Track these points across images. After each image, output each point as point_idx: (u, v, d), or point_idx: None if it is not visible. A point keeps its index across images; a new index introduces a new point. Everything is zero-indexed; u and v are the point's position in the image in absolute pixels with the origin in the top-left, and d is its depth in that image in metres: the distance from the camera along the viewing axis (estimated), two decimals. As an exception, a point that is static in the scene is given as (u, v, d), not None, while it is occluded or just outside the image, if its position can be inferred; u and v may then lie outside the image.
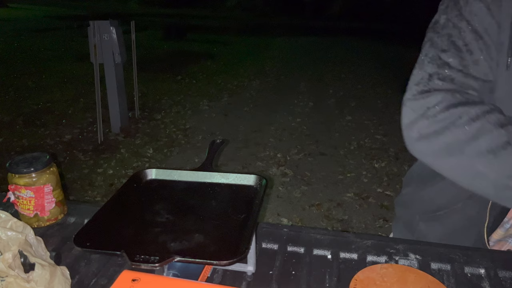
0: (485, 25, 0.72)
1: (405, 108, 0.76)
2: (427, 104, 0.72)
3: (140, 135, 4.26)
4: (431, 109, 0.72)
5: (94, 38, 3.74)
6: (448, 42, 0.74)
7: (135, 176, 0.87)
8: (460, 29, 0.73)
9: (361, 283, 0.67)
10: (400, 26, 12.21)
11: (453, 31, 0.74)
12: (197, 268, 0.68)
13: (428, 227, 0.95)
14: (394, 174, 3.54)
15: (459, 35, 0.73)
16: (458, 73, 0.72)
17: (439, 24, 0.76)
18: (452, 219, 0.88)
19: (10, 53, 8.14)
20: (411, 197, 1.01)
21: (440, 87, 0.72)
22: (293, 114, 5.03)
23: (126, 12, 14.51)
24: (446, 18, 0.75)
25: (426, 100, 0.73)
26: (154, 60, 7.79)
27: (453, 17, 0.74)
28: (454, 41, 0.73)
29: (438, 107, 0.71)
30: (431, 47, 0.76)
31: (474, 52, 0.72)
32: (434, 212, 0.92)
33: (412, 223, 0.99)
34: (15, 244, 0.63)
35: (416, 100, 0.74)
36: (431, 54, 0.75)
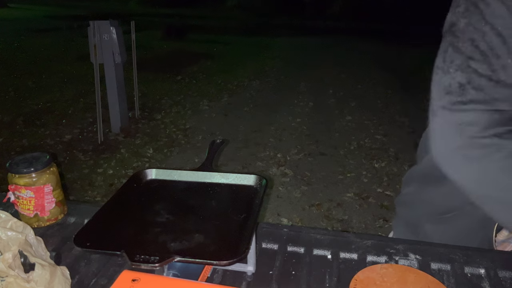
0: (509, 27, 0.69)
1: (437, 119, 0.74)
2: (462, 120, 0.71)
3: (140, 135, 4.26)
4: (468, 128, 0.70)
5: (94, 38, 3.74)
6: (472, 48, 0.71)
7: (135, 176, 0.87)
8: (484, 33, 0.70)
9: (361, 283, 0.67)
10: (400, 26, 12.22)
11: (475, 35, 0.71)
12: (197, 268, 0.68)
13: (435, 229, 0.94)
14: (394, 174, 3.54)
15: (483, 39, 0.70)
16: (488, 81, 0.70)
17: (457, 28, 0.74)
18: (461, 221, 0.87)
19: (10, 53, 8.14)
20: (414, 198, 1.00)
21: (473, 98, 0.70)
22: (293, 114, 5.03)
23: (126, 12, 14.50)
24: (466, 22, 0.72)
25: (461, 114, 0.71)
26: (154, 60, 7.79)
27: (474, 21, 0.71)
28: (479, 46, 0.70)
29: (476, 128, 0.70)
30: (455, 52, 0.73)
31: (501, 56, 0.69)
32: (442, 215, 0.91)
33: (417, 224, 0.98)
34: (15, 244, 0.63)
35: (450, 111, 0.72)
36: (458, 61, 0.72)
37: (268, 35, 11.68)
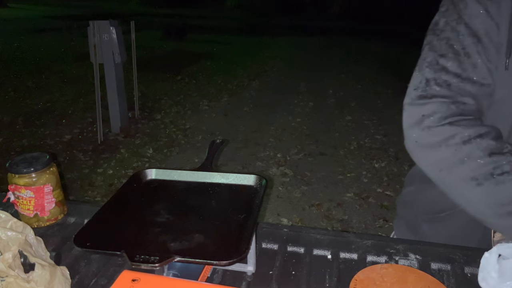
0: (485, 27, 0.72)
1: (404, 112, 0.78)
2: (423, 112, 0.73)
3: (140, 135, 4.26)
4: (426, 119, 0.73)
5: (94, 38, 3.74)
6: (446, 46, 0.74)
7: (135, 176, 0.87)
8: (458, 32, 0.73)
9: (361, 283, 0.67)
10: (400, 26, 12.22)
11: (451, 34, 0.74)
12: (197, 268, 0.68)
13: (431, 228, 0.94)
14: (394, 174, 3.54)
15: (457, 39, 0.73)
16: (456, 78, 0.73)
17: (438, 27, 0.77)
18: (455, 221, 0.88)
19: (10, 53, 8.14)
20: (414, 197, 1.01)
21: (437, 93, 0.73)
22: (293, 114, 5.03)
23: (126, 12, 14.50)
24: (445, 21, 0.76)
25: (422, 108, 0.74)
26: (154, 60, 7.78)
27: (452, 20, 0.74)
28: (453, 45, 0.73)
29: (433, 118, 0.72)
30: (430, 50, 0.76)
31: (472, 55, 0.72)
32: (437, 214, 0.92)
33: (415, 223, 0.99)
34: (15, 244, 0.63)
35: (413, 106, 0.75)
36: (429, 58, 0.76)
37: (268, 35, 11.67)
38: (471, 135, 0.70)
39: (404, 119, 0.77)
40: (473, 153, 0.69)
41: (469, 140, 0.69)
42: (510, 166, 0.67)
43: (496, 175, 0.67)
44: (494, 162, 0.68)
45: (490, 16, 0.71)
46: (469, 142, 0.69)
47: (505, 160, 0.68)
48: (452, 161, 0.71)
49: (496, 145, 0.69)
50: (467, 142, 0.69)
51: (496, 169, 0.67)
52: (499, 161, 0.68)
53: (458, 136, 0.70)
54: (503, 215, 0.69)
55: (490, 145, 0.69)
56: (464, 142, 0.70)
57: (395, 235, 1.08)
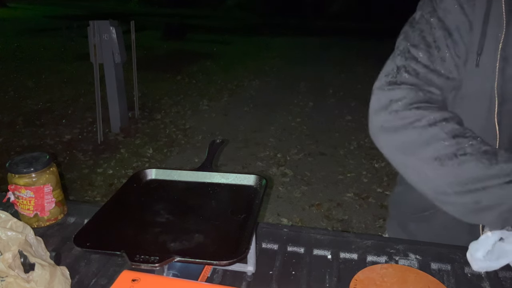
0: (456, 23, 0.74)
1: (373, 96, 0.80)
2: (391, 97, 0.75)
3: (140, 135, 4.26)
4: (394, 104, 0.75)
5: (94, 38, 3.74)
6: (419, 37, 0.76)
7: (135, 176, 0.87)
8: (431, 25, 0.76)
9: (361, 283, 0.67)
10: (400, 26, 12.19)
11: (425, 26, 0.76)
12: (197, 268, 0.68)
13: (418, 228, 0.95)
14: (394, 174, 3.52)
15: (430, 31, 0.76)
16: (424, 68, 0.75)
17: (414, 19, 0.80)
18: (439, 219, 0.88)
19: (10, 53, 8.14)
20: (402, 197, 1.01)
21: (406, 80, 0.75)
22: (293, 114, 5.03)
23: (126, 12, 14.50)
24: (421, 14, 0.78)
25: (391, 93, 0.76)
26: (154, 60, 7.78)
27: (427, 13, 0.77)
28: (425, 37, 0.76)
29: (400, 103, 0.74)
30: (403, 39, 0.79)
31: (442, 48, 0.75)
32: (421, 213, 0.93)
33: (404, 222, 1.00)
34: (15, 244, 0.63)
35: (382, 91, 0.78)
36: (402, 47, 0.78)
37: (268, 35, 11.66)
38: (436, 118, 0.72)
39: (372, 103, 0.79)
40: (438, 135, 0.71)
41: (435, 123, 0.72)
42: (472, 148, 0.70)
43: (459, 155, 0.70)
44: (457, 144, 0.70)
45: (464, 12, 0.73)
46: (434, 124, 0.71)
47: (467, 142, 0.70)
48: (418, 142, 0.73)
49: (460, 129, 0.72)
50: (432, 125, 0.72)
51: (459, 150, 0.70)
52: (462, 143, 0.70)
53: (425, 119, 0.72)
54: (462, 193, 0.71)
55: (454, 128, 0.71)
56: (430, 125, 0.72)
57: (388, 235, 1.09)
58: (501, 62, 0.72)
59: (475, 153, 0.69)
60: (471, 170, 0.69)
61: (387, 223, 1.12)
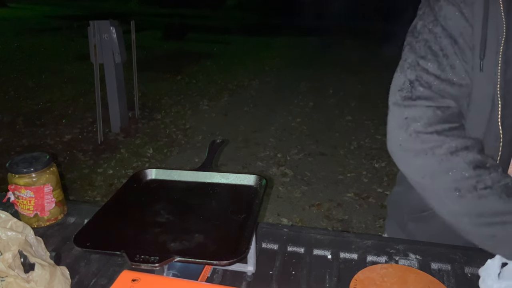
0: (459, 29, 0.74)
1: (390, 113, 0.79)
2: (409, 115, 0.75)
3: (140, 135, 4.26)
4: (412, 124, 0.74)
5: (94, 38, 3.74)
6: (425, 48, 0.76)
7: (135, 176, 0.87)
8: (435, 34, 0.75)
9: (361, 283, 0.67)
10: (401, 27, 12.20)
11: (429, 36, 0.76)
12: (197, 268, 0.68)
13: (417, 228, 0.96)
14: (394, 174, 3.52)
15: (435, 40, 0.75)
16: (436, 80, 0.75)
17: (416, 29, 0.79)
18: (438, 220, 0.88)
19: (10, 53, 8.14)
20: (401, 197, 1.01)
21: (421, 94, 0.75)
22: (293, 114, 5.03)
23: (126, 12, 14.49)
24: (422, 24, 0.78)
25: (408, 111, 0.75)
26: (154, 60, 7.78)
27: (428, 23, 0.76)
28: (431, 46, 0.75)
29: (419, 124, 0.74)
30: (410, 51, 0.78)
31: (450, 56, 0.74)
32: (420, 213, 0.93)
33: (402, 222, 1.00)
34: (15, 244, 0.63)
35: (399, 107, 0.77)
36: (410, 59, 0.78)
37: (268, 35, 11.66)
38: (458, 146, 0.72)
39: (390, 120, 0.79)
40: (459, 165, 0.71)
41: (456, 151, 0.71)
42: (492, 181, 0.70)
43: (479, 189, 0.70)
44: (477, 176, 0.70)
45: (465, 17, 0.73)
46: (455, 153, 0.71)
47: (488, 174, 0.70)
48: (437, 170, 0.73)
49: (481, 159, 0.72)
50: (454, 153, 0.71)
51: (479, 183, 0.70)
52: (483, 175, 0.70)
53: (445, 147, 0.72)
54: (480, 225, 0.71)
55: (475, 159, 0.71)
56: (451, 153, 0.72)
57: (386, 235, 1.09)
58: (502, 65, 0.72)
59: (495, 186, 0.70)
60: (490, 205, 0.69)
61: (386, 223, 1.12)
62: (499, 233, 0.70)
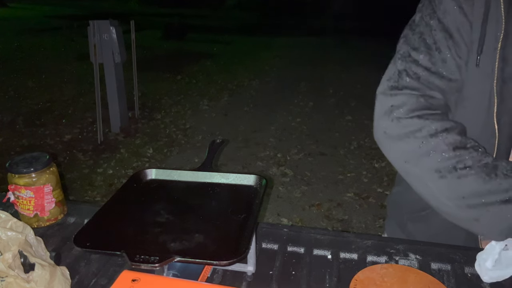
0: (457, 24, 0.74)
1: (376, 101, 0.80)
2: (393, 103, 0.76)
3: (140, 135, 4.26)
4: (395, 110, 0.75)
5: (94, 38, 3.74)
6: (419, 40, 0.76)
7: (135, 176, 0.87)
8: (431, 27, 0.76)
9: (361, 283, 0.67)
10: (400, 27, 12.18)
11: (425, 29, 0.76)
12: (197, 268, 0.68)
13: (416, 227, 0.96)
14: (394, 174, 3.50)
15: (430, 33, 0.76)
16: (425, 71, 0.75)
17: (414, 22, 0.79)
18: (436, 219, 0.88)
19: (10, 53, 8.14)
20: (401, 197, 1.02)
21: (407, 84, 0.75)
22: (293, 114, 5.03)
23: (126, 12, 14.49)
24: (420, 16, 0.78)
25: (393, 99, 0.76)
26: (154, 60, 7.78)
27: (426, 16, 0.77)
28: (425, 39, 0.76)
29: (402, 110, 0.74)
30: (404, 43, 0.79)
31: (443, 50, 0.75)
32: (419, 212, 0.93)
33: (402, 222, 1.00)
34: (15, 244, 0.63)
35: (385, 96, 0.78)
36: (402, 50, 0.78)
37: (268, 35, 11.66)
38: (437, 129, 0.72)
39: (375, 109, 0.80)
40: (439, 146, 0.71)
41: (436, 133, 0.72)
42: (472, 161, 0.70)
43: (458, 169, 0.70)
44: (457, 156, 0.70)
45: (464, 13, 0.73)
46: (435, 135, 0.71)
47: (468, 155, 0.70)
48: (418, 153, 0.73)
49: (461, 140, 0.72)
50: (433, 136, 0.72)
51: (459, 163, 0.70)
52: (462, 155, 0.70)
53: (425, 129, 0.72)
54: (463, 207, 0.71)
55: (455, 140, 0.71)
56: (430, 135, 0.72)
57: (386, 235, 1.09)
58: (500, 62, 0.72)
59: (475, 166, 0.69)
60: (470, 185, 0.69)
61: (385, 223, 1.12)
62: (482, 216, 0.69)
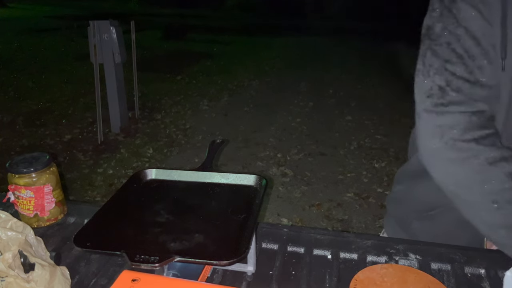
0: (481, 30, 0.72)
1: (420, 120, 0.76)
2: (443, 122, 0.73)
3: (140, 135, 4.26)
4: (448, 131, 0.72)
5: (94, 38, 3.74)
6: (448, 51, 0.73)
7: (135, 176, 0.87)
8: (458, 36, 0.73)
9: (361, 283, 0.67)
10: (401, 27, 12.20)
11: (451, 38, 0.74)
12: (197, 268, 0.68)
13: (422, 226, 0.95)
14: (394, 174, 3.53)
15: (458, 43, 0.73)
16: (466, 83, 0.72)
17: (434, 32, 0.76)
18: (445, 219, 0.88)
19: (10, 53, 8.14)
20: (404, 195, 1.01)
21: (453, 99, 0.72)
22: (293, 114, 5.03)
23: (126, 12, 14.48)
24: (442, 26, 0.75)
25: (441, 118, 0.73)
26: (154, 60, 7.78)
27: (449, 24, 0.74)
28: (455, 49, 0.73)
29: (456, 131, 0.72)
30: (432, 56, 0.75)
31: (477, 57, 0.72)
32: (428, 211, 0.92)
33: (405, 221, 1.00)
34: (15, 244, 0.63)
35: (431, 113, 0.74)
36: (436, 64, 0.75)
37: (268, 35, 11.66)
38: (496, 157, 0.70)
39: (421, 128, 0.76)
40: (497, 176, 0.70)
41: (495, 162, 0.70)
42: None
43: None
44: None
45: (484, 17, 0.71)
46: (494, 164, 0.70)
47: None
48: (474, 179, 0.71)
49: None
50: (492, 164, 0.70)
51: None
52: None
53: (483, 156, 0.70)
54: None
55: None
56: (489, 164, 0.70)
57: (385, 233, 1.09)
58: None
59: None
60: None
61: (384, 221, 1.12)
62: None
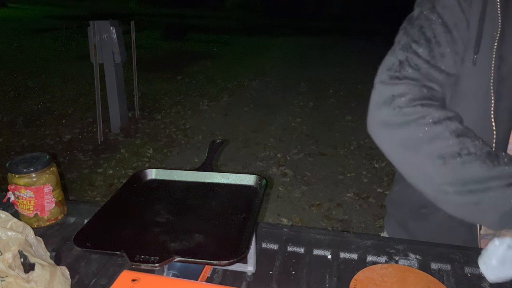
0: (455, 20, 0.75)
1: (374, 91, 0.79)
2: (394, 92, 0.75)
3: (140, 135, 4.26)
4: (397, 99, 0.75)
5: (94, 38, 3.74)
6: (419, 33, 0.77)
7: (135, 176, 0.87)
8: (431, 20, 0.76)
9: (361, 283, 0.67)
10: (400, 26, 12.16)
11: (425, 22, 0.77)
12: (197, 268, 0.68)
13: (417, 225, 0.96)
14: (394, 174, 3.53)
15: (430, 27, 0.76)
16: (425, 64, 0.76)
17: (413, 16, 0.80)
18: (437, 217, 0.89)
19: (10, 53, 8.14)
20: (401, 195, 1.02)
21: (408, 75, 0.76)
22: (293, 114, 5.03)
23: (126, 12, 14.49)
24: (420, 10, 0.79)
25: (394, 88, 0.76)
26: (154, 60, 7.78)
27: (426, 10, 0.78)
28: (425, 32, 0.76)
29: (404, 98, 0.74)
30: (404, 35, 0.79)
31: (442, 44, 0.75)
32: (419, 210, 0.93)
33: (403, 221, 1.00)
34: (15, 244, 0.63)
35: (385, 85, 0.77)
36: (403, 41, 0.79)
37: (268, 35, 11.67)
38: (440, 116, 0.72)
39: (373, 98, 0.79)
40: (443, 133, 0.71)
41: (439, 121, 0.72)
42: (475, 148, 0.70)
43: (463, 155, 0.70)
44: (461, 143, 0.71)
45: (462, 10, 0.74)
46: (439, 122, 0.72)
47: (471, 142, 0.71)
48: (421, 140, 0.73)
49: (463, 128, 0.73)
50: (437, 123, 0.72)
51: (463, 149, 0.70)
52: (466, 142, 0.71)
53: (429, 117, 0.72)
54: (463, 193, 0.71)
55: (457, 127, 0.72)
56: (434, 123, 0.72)
57: (386, 234, 1.09)
58: (496, 60, 0.73)
59: (478, 153, 0.70)
60: (474, 170, 0.70)
61: (385, 222, 1.12)
62: (483, 200, 0.69)
